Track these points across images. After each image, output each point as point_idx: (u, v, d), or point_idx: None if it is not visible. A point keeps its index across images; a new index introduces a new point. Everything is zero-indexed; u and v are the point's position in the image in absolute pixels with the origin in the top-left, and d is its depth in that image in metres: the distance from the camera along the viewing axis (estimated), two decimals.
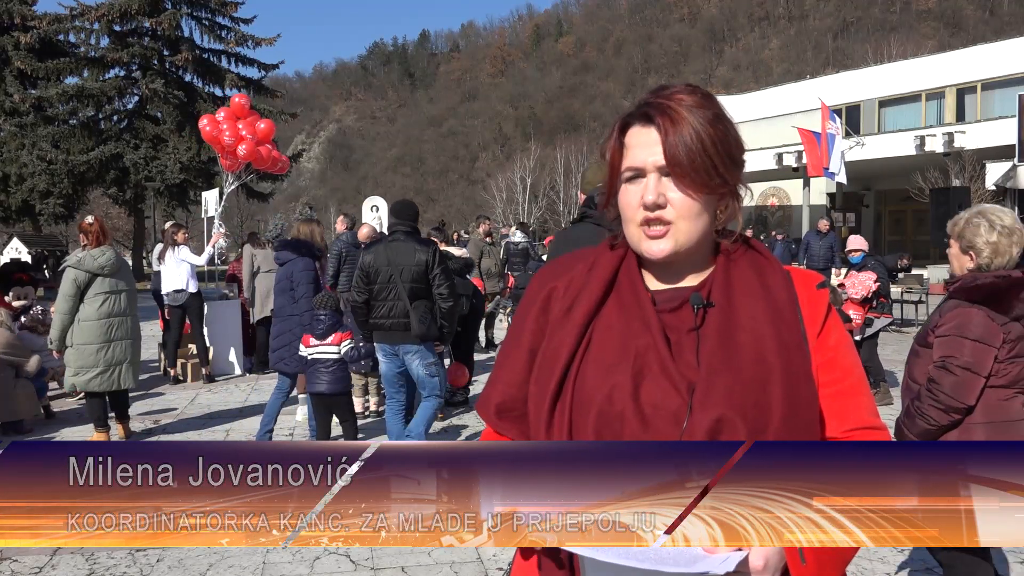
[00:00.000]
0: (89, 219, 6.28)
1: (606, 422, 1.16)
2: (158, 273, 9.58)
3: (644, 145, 1.20)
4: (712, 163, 1.18)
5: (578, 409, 1.19)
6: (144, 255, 37.03)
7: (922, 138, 22.20)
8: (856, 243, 8.61)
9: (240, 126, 10.20)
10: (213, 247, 9.66)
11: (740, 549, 1.05)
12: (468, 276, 7.55)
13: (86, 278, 5.92)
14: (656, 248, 1.20)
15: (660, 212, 1.19)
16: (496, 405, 1.31)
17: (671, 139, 1.17)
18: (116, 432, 6.27)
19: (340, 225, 9.27)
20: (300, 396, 7.14)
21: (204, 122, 10.53)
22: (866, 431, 1.21)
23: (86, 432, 6.37)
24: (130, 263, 37.90)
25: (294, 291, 5.87)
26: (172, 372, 8.85)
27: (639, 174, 1.21)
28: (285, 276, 5.95)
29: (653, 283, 1.27)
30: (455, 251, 7.30)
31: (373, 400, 7.24)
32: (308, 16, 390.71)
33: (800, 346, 1.19)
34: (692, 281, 1.25)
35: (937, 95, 27.42)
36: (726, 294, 1.22)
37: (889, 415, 4.90)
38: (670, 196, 1.19)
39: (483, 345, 10.61)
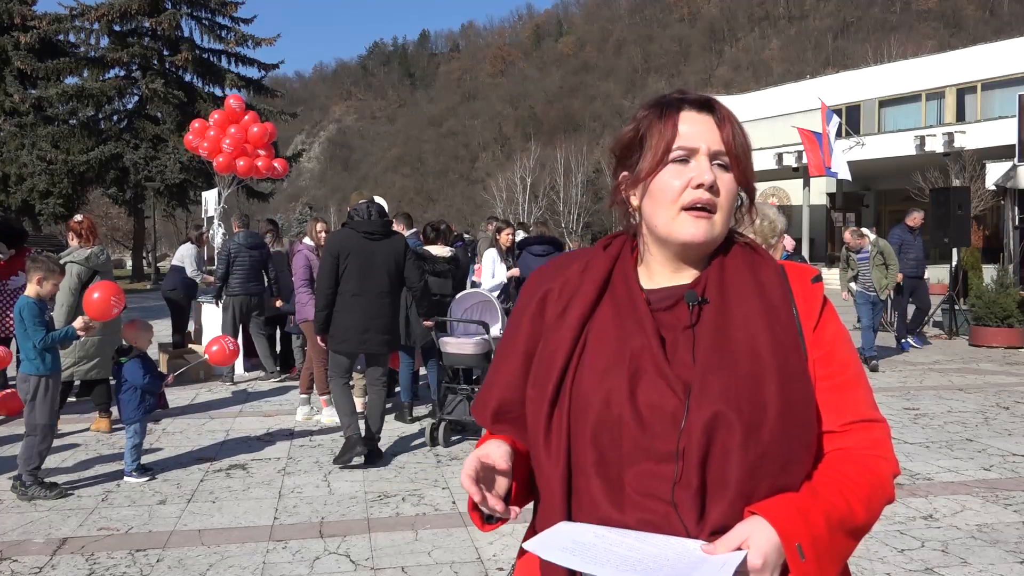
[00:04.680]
0: (78, 217, 6.65)
1: (605, 426, 1.16)
2: (167, 272, 9.61)
3: (699, 129, 1.23)
4: (750, 160, 1.25)
5: (576, 414, 1.19)
6: (144, 255, 37.06)
7: (922, 138, 22.20)
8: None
9: (231, 130, 10.12)
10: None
11: (739, 549, 1.05)
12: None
13: (89, 275, 6.26)
14: (700, 231, 1.21)
15: (710, 196, 1.21)
16: (493, 409, 1.30)
17: (728, 128, 1.23)
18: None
19: (236, 226, 9.26)
20: (301, 396, 7.16)
21: (195, 125, 10.48)
22: (864, 424, 1.21)
23: (82, 423, 6.39)
24: (130, 263, 37.43)
25: None
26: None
27: (689, 155, 1.22)
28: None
29: (647, 282, 1.27)
30: (436, 251, 7.17)
31: None
32: (308, 16, 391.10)
33: (795, 342, 1.19)
34: (687, 279, 1.25)
35: (937, 95, 27.41)
36: (720, 291, 1.22)
37: None
38: (718, 185, 1.22)
39: None
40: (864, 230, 10.52)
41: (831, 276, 21.94)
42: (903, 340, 11.16)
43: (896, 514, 4.47)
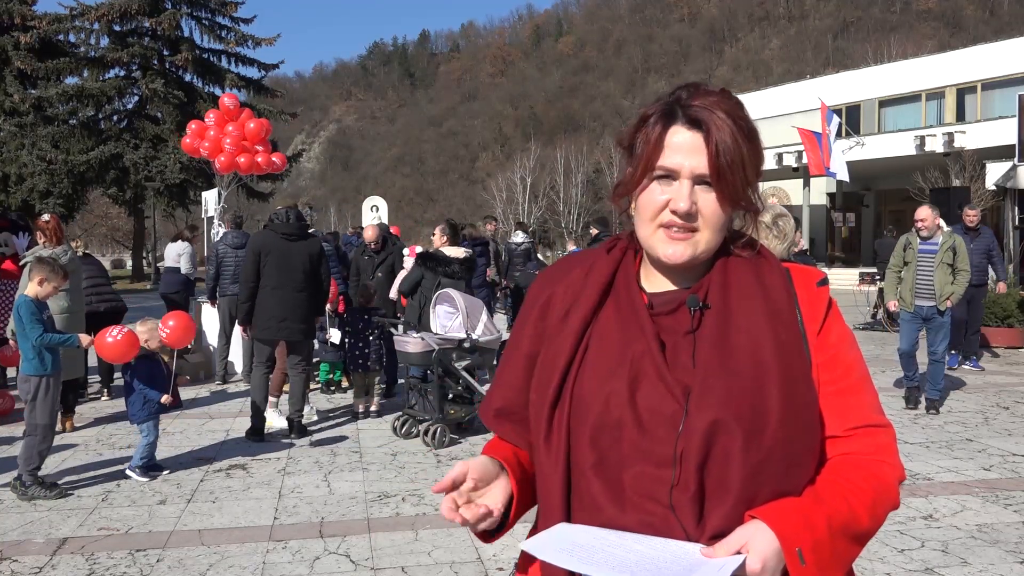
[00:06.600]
0: (45, 217, 6.57)
1: (604, 428, 1.16)
2: (166, 272, 9.54)
3: (685, 149, 1.17)
4: (746, 179, 1.19)
5: (576, 416, 1.19)
6: (144, 255, 37.04)
7: (922, 138, 22.21)
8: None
9: (230, 129, 10.13)
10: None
11: (738, 553, 1.05)
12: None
13: None
14: (677, 252, 1.18)
15: (683, 222, 1.18)
16: (495, 409, 1.32)
17: (715, 149, 1.16)
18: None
19: (227, 225, 9.17)
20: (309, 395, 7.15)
21: (193, 126, 10.49)
22: (868, 429, 1.20)
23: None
24: (130, 263, 37.23)
25: None
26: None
27: (671, 176, 1.18)
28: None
29: (650, 286, 1.27)
30: (451, 252, 7.12)
31: (375, 400, 7.25)
32: (308, 16, 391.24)
33: (798, 347, 1.18)
34: (689, 282, 1.25)
35: (937, 95, 27.43)
36: (723, 295, 1.21)
37: None
38: (701, 206, 1.18)
39: None
40: (941, 221, 7.58)
41: (831, 275, 21.93)
42: (954, 354, 9.68)
43: (896, 514, 4.47)
